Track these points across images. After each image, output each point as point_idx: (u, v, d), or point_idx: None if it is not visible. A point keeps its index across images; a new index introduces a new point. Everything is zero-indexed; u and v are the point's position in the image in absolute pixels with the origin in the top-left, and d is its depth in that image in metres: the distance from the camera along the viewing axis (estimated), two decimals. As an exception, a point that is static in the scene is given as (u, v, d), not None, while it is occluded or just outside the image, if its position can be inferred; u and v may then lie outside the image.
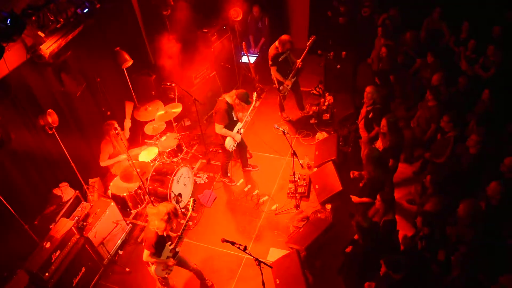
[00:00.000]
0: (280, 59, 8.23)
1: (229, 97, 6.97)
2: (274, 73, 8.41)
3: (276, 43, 8.13)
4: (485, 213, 5.25)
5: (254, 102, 7.46)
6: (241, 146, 7.74)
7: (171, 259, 5.56)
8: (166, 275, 5.71)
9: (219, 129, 7.10)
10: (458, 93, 7.29)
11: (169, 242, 5.53)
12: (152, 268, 5.53)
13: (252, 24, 10.22)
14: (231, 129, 7.23)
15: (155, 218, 5.15)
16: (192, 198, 5.74)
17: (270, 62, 8.27)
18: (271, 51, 8.22)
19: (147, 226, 5.33)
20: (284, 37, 8.02)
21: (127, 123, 7.56)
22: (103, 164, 7.20)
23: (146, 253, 5.34)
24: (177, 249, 5.62)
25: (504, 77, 7.20)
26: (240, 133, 7.40)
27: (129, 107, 7.63)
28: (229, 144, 7.31)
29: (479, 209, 5.17)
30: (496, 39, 7.66)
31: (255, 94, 7.60)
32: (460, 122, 6.59)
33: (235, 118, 7.25)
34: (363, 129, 7.28)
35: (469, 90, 7.22)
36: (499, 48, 7.34)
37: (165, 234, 5.31)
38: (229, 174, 8.03)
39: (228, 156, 7.67)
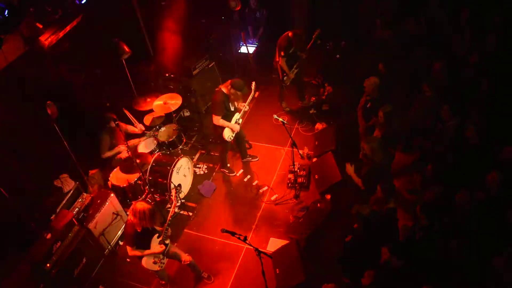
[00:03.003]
0: (290, 51, 8.25)
1: (225, 87, 6.95)
2: (282, 64, 8.38)
3: (290, 34, 8.09)
4: (483, 203, 5.26)
5: (253, 92, 7.39)
6: (239, 137, 7.73)
7: (158, 246, 5.52)
8: (158, 268, 5.67)
9: (217, 120, 7.07)
10: (458, 82, 7.26)
11: (157, 235, 5.52)
12: (143, 262, 5.54)
13: (250, 15, 10.17)
14: (229, 119, 7.20)
15: (131, 213, 5.22)
16: (174, 188, 5.73)
17: (282, 53, 8.21)
18: (284, 42, 8.16)
19: (126, 221, 5.35)
20: (299, 31, 8.09)
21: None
22: (104, 156, 7.22)
23: (128, 249, 5.39)
24: (166, 242, 5.58)
25: (505, 66, 7.16)
26: (239, 123, 7.37)
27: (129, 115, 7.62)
28: (227, 134, 7.28)
29: (475, 198, 5.18)
30: (496, 28, 7.61)
31: (254, 83, 7.47)
32: (460, 112, 6.58)
33: (232, 109, 7.21)
34: (362, 117, 7.29)
35: (471, 79, 7.19)
36: (499, 36, 7.30)
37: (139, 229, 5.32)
38: (228, 165, 8.04)
39: (226, 147, 7.67)
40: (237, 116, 7.32)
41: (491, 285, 4.56)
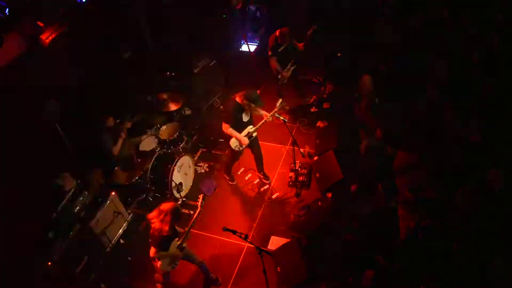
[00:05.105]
0: (280, 50, 8.17)
1: (238, 97, 6.68)
2: (272, 63, 8.32)
3: (277, 33, 8.02)
4: (485, 200, 5.25)
5: (276, 109, 6.94)
6: (255, 154, 7.44)
7: (178, 252, 5.59)
8: (171, 269, 5.76)
9: (225, 128, 6.83)
10: (461, 80, 7.25)
11: (176, 238, 5.54)
12: (159, 263, 5.57)
13: (251, 13, 10.16)
14: (239, 130, 6.92)
15: (157, 220, 5.21)
16: (202, 195, 5.75)
17: (269, 53, 8.17)
18: (271, 41, 8.13)
19: (152, 226, 5.33)
20: (284, 29, 7.96)
21: None
22: (115, 153, 7.21)
23: (152, 250, 5.39)
24: (183, 245, 5.61)
25: (508, 65, 7.15)
26: (252, 136, 7.04)
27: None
28: (234, 144, 7.00)
29: (478, 196, 5.17)
30: (498, 26, 7.59)
31: (280, 100, 7.03)
32: (461, 110, 6.57)
33: (245, 119, 6.91)
34: (369, 118, 7.26)
35: (474, 77, 7.18)
36: (501, 35, 7.28)
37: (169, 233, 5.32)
38: (231, 173, 7.84)
39: (234, 155, 7.35)
40: (250, 128, 7.02)
41: (492, 285, 4.56)
